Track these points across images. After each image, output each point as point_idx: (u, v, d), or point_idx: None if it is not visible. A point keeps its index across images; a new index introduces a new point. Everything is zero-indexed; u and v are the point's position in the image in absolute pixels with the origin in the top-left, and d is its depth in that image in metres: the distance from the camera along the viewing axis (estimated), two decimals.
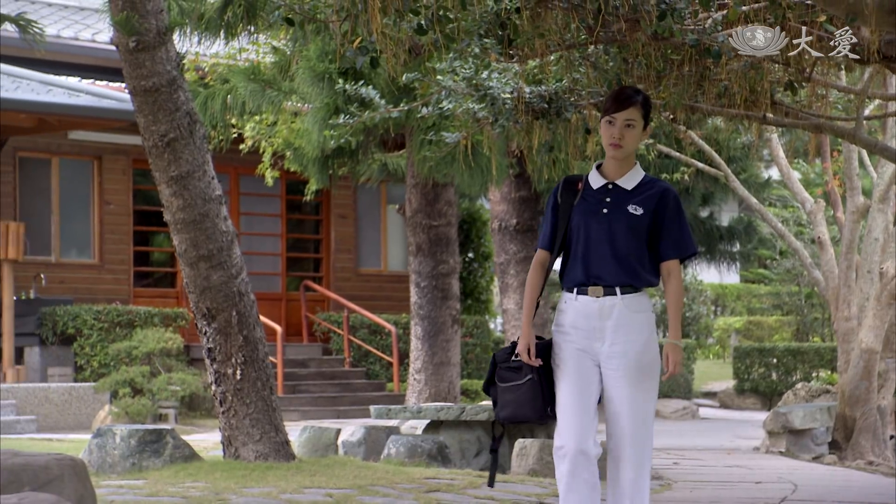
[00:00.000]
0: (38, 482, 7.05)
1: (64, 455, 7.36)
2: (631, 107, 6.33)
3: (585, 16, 8.47)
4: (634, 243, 6.33)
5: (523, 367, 6.33)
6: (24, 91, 19.06)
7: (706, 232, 25.06)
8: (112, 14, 10.15)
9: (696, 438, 18.55)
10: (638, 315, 6.32)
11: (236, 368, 10.66)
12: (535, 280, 6.47)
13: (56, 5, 24.13)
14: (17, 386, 18.77)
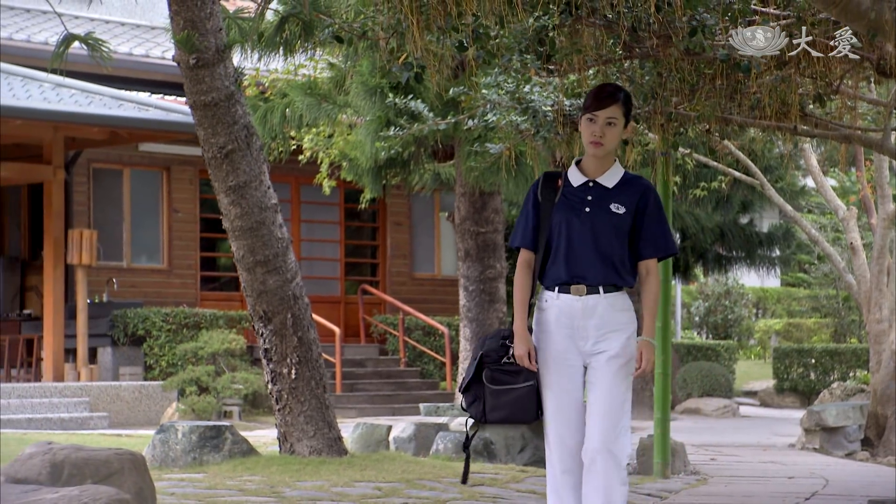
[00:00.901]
0: (100, 475, 7.10)
1: (124, 450, 7.41)
2: (613, 105, 6.04)
3: (620, 32, 8.46)
4: (617, 242, 6.05)
5: (522, 371, 6.03)
6: (97, 106, 19.20)
7: (746, 238, 24.94)
8: (174, 33, 10.22)
9: (734, 435, 18.45)
10: (621, 314, 6.05)
11: (291, 368, 10.70)
12: (523, 281, 6.10)
13: (129, 24, 24.30)
14: (90, 384, 18.91)
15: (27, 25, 22.43)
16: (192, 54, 10.11)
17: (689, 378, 24.73)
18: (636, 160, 12.32)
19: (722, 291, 33.29)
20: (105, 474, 7.09)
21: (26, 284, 21.41)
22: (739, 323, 33.49)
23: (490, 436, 12.21)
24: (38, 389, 18.49)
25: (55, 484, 7.00)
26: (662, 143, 11.41)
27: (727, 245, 25.11)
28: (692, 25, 8.21)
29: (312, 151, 16.54)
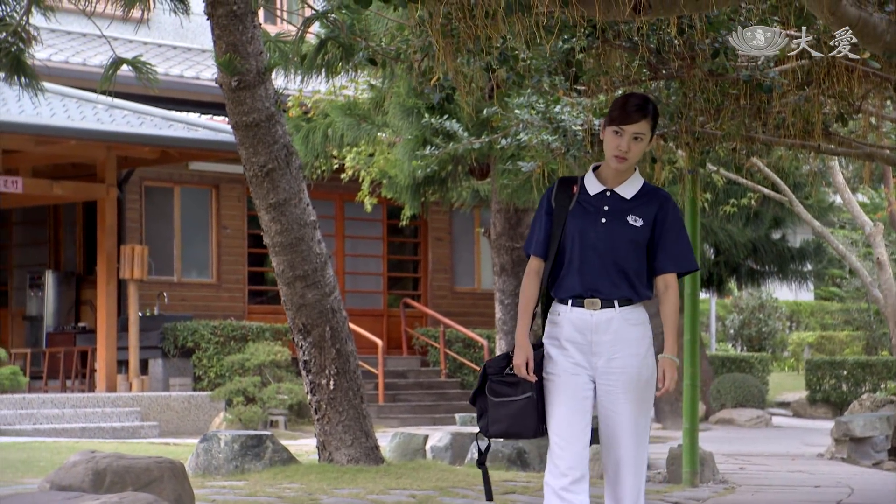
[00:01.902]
0: (140, 483, 7.16)
1: (164, 458, 7.46)
2: (641, 120, 5.56)
3: (645, 54, 8.46)
4: (634, 255, 5.60)
5: (521, 382, 5.55)
6: (149, 126, 19.33)
7: (778, 253, 24.85)
8: (217, 56, 10.29)
9: (765, 445, 18.35)
10: (636, 328, 5.59)
11: (330, 379, 10.73)
12: (530, 290, 5.65)
13: (181, 48, 24.44)
14: (141, 394, 19.01)
15: (83, 49, 22.60)
16: (233, 77, 10.17)
17: (722, 389, 24.63)
18: (667, 178, 12.30)
19: (756, 305, 33.16)
20: (145, 482, 7.14)
21: (81, 298, 21.54)
22: (773, 336, 33.33)
23: (523, 445, 12.20)
24: (92, 399, 18.61)
25: (97, 491, 7.06)
26: (690, 162, 11.40)
27: (760, 260, 25.02)
28: (714, 47, 8.20)
29: (354, 170, 16.59)
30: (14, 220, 22.54)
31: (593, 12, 5.91)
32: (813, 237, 26.91)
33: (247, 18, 10.14)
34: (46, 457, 12.31)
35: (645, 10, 6.02)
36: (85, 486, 7.13)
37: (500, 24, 6.77)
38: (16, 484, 9.49)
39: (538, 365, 5.58)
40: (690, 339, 11.76)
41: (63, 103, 19.45)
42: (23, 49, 9.96)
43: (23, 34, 9.88)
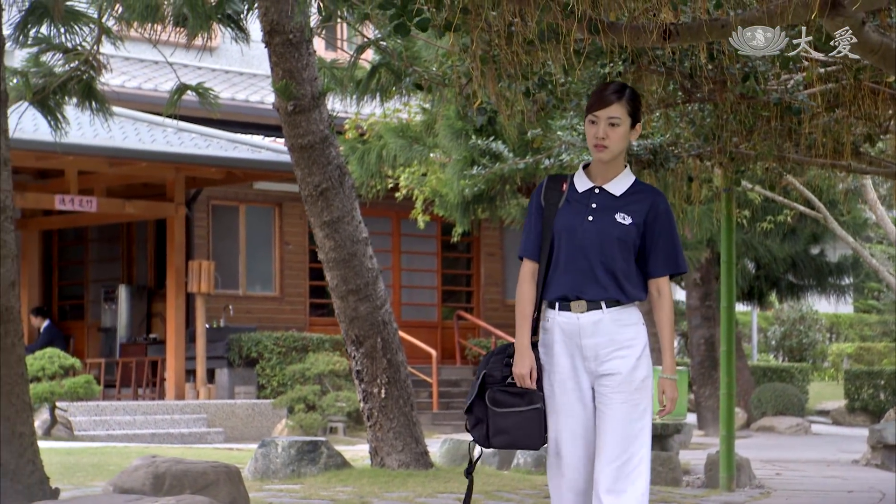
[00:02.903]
0: (197, 486, 7.21)
1: (220, 463, 7.51)
2: (615, 103, 5.10)
3: (678, 78, 8.45)
4: (621, 255, 5.09)
5: (528, 392, 5.08)
6: (215, 148, 19.48)
7: (816, 267, 24.69)
8: (274, 82, 10.37)
9: (803, 452, 18.22)
10: (627, 329, 5.09)
11: (381, 388, 10.77)
12: (527, 294, 5.18)
13: (246, 74, 24.59)
14: (208, 402, 19.12)
15: (154, 76, 22.79)
16: (289, 101, 10.24)
17: (763, 398, 24.46)
18: (706, 195, 12.26)
19: (797, 317, 32.97)
20: (202, 485, 7.19)
21: (152, 311, 21.69)
22: (813, 347, 33.10)
23: None
24: (162, 407, 18.74)
25: (157, 494, 7.12)
26: (725, 180, 11.37)
27: (799, 274, 24.87)
28: (745, 71, 8.18)
29: (408, 189, 16.65)
30: (90, 238, 22.75)
31: (622, 39, 5.91)
32: (851, 252, 26.76)
33: (302, 46, 10.21)
34: (117, 461, 12.40)
35: (673, 37, 6.01)
36: (146, 489, 7.19)
37: (538, 50, 6.78)
38: (86, 486, 9.59)
39: (540, 373, 5.14)
40: (726, 350, 11.71)
41: (135, 127, 19.63)
42: (93, 77, 10.06)
43: (93, 63, 9.98)
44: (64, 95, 9.89)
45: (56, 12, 8.17)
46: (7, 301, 6.97)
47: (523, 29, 6.44)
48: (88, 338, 22.21)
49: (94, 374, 19.67)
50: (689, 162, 10.53)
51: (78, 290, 22.87)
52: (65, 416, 17.00)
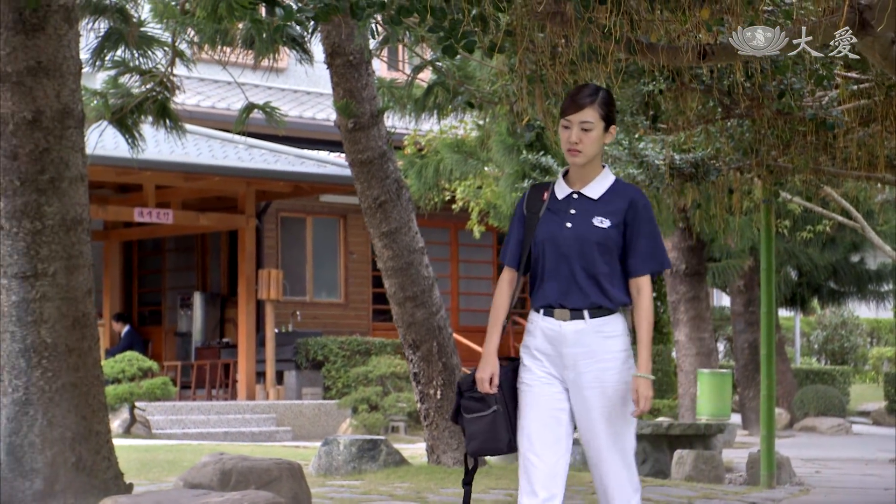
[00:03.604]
0: (261, 482, 7.25)
1: (283, 460, 7.54)
2: (587, 108, 4.80)
3: (717, 95, 8.42)
4: (602, 259, 4.78)
5: (487, 396, 4.80)
6: (283, 163, 19.59)
7: (856, 274, 24.51)
8: (335, 101, 10.42)
9: (843, 451, 18.05)
10: (610, 340, 4.79)
11: (437, 389, 10.78)
12: (500, 301, 4.94)
13: (313, 93, 24.72)
14: (277, 402, 19.22)
15: (227, 96, 22.96)
16: (350, 119, 10.29)
17: (805, 399, 24.26)
18: (747, 206, 12.20)
19: (838, 322, 32.69)
20: (266, 481, 7.23)
21: (225, 317, 21.83)
22: (854, 350, 32.81)
23: None
24: (234, 407, 18.85)
25: (224, 489, 7.16)
26: (764, 192, 11.31)
27: (840, 281, 24.68)
28: (780, 89, 8.14)
29: (464, 201, 16.68)
30: (167, 248, 22.94)
31: (660, 59, 5.90)
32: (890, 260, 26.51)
33: (361, 67, 10.26)
34: (190, 458, 12.48)
35: (709, 57, 6.00)
36: (213, 485, 7.24)
37: (582, 69, 6.79)
38: (161, 482, 9.67)
39: (510, 377, 4.87)
40: (766, 353, 11.65)
41: (208, 144, 19.79)
42: (168, 97, 10.15)
43: (167, 84, 10.06)
44: (140, 115, 9.98)
45: (130, 38, 8.27)
46: (84, 308, 7.06)
47: (567, 50, 6.46)
48: (166, 342, 22.38)
49: (170, 375, 19.82)
50: (729, 175, 10.49)
51: (156, 297, 23.06)
52: (143, 416, 17.15)
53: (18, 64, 6.91)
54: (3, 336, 6.97)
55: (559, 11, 5.76)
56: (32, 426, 6.89)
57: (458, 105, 8.69)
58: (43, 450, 6.88)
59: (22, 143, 6.94)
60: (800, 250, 22.57)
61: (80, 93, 7.19)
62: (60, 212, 6.97)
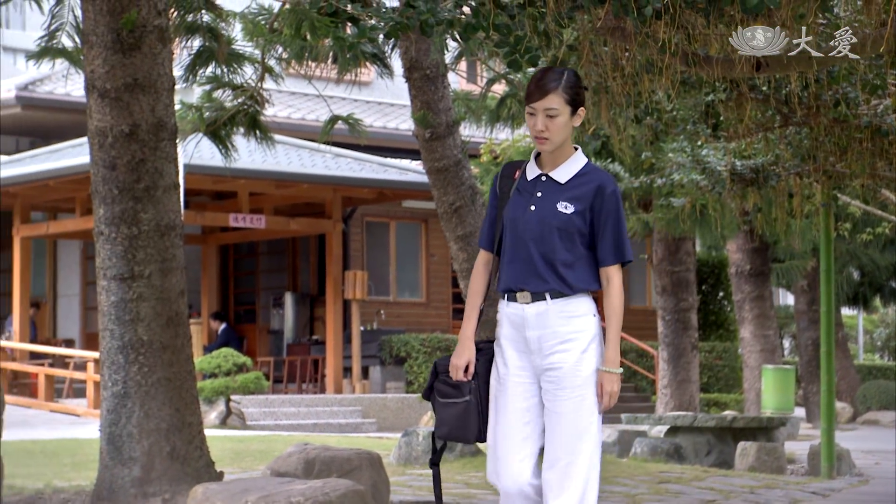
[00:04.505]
0: (343, 471, 7.28)
1: (363, 450, 7.57)
2: (550, 94, 4.36)
3: (776, 104, 8.35)
4: (563, 246, 4.38)
5: (461, 384, 4.45)
6: (368, 171, 19.70)
7: None
8: (413, 112, 10.46)
9: None
10: (575, 320, 4.39)
11: None
12: (476, 284, 4.56)
13: (396, 105, 24.81)
14: (363, 396, 19.32)
15: (317, 108, 23.12)
16: (427, 129, 10.32)
17: (868, 394, 23.94)
18: (808, 210, 12.07)
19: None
20: (347, 470, 7.26)
21: (314, 315, 21.98)
22: None
23: (680, 440, 12.07)
24: (322, 400, 18.98)
25: (307, 477, 7.20)
26: (823, 196, 11.18)
27: None
28: (836, 98, 8.06)
29: None
30: (260, 251, 23.15)
31: (716, 71, 5.87)
32: None
33: (438, 80, 10.30)
34: (281, 448, 12.54)
35: (763, 69, 5.95)
36: (298, 473, 7.29)
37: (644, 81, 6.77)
38: (251, 470, 9.76)
39: (487, 366, 4.51)
40: (826, 350, 11.52)
41: (298, 153, 19.95)
42: (258, 110, 10.24)
43: (257, 97, 10.15)
44: (233, 127, 10.06)
45: (220, 55, 8.35)
46: (177, 307, 7.15)
47: (629, 63, 6.44)
48: (259, 339, 22.58)
49: (263, 370, 20.00)
50: (789, 180, 10.39)
51: (250, 297, 23.28)
52: (238, 408, 17.31)
53: (116, 81, 7.01)
54: (103, 334, 7.09)
55: (620, 27, 5.75)
56: (130, 417, 7.00)
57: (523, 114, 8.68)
58: (140, 439, 6.98)
59: (120, 155, 7.05)
60: (861, 251, 22.29)
61: (173, 107, 7.28)
62: (155, 218, 7.07)
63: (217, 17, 8.39)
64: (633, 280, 24.43)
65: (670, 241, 15.47)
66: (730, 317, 24.72)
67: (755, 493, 9.72)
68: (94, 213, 7.18)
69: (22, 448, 11.43)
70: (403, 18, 5.06)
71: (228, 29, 8.98)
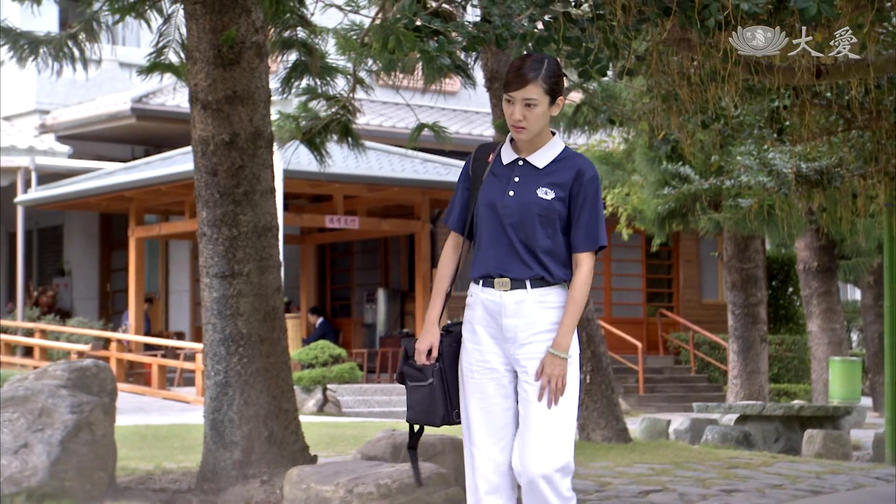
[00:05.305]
0: (427, 455, 7.30)
1: (446, 435, 7.58)
2: (530, 84, 4.05)
3: (838, 109, 8.24)
4: (544, 232, 4.09)
5: (424, 368, 4.16)
6: (453, 175, 19.72)
7: None
8: (493, 120, 10.47)
9: None
10: (551, 311, 4.07)
11: (586, 375, 10.74)
12: (444, 268, 4.26)
13: (482, 113, 24.82)
14: None
15: (406, 116, 23.22)
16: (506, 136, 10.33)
17: None
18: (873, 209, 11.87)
19: None
20: (431, 454, 7.29)
21: (404, 310, 22.06)
22: None
23: (749, 428, 11.94)
24: None
25: (395, 461, 7.25)
26: (886, 196, 10.98)
27: None
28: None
29: (613, 207, 16.59)
30: (354, 250, 23.31)
31: (777, 79, 5.80)
32: None
33: None
34: (373, 433, 12.60)
35: (823, 76, 5.88)
36: (385, 457, 7.34)
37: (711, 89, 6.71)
38: (345, 454, 9.84)
39: (453, 349, 4.21)
40: (891, 343, 11.32)
41: (389, 159, 20.05)
42: (350, 119, 10.32)
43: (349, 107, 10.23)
44: (327, 135, 10.16)
45: (313, 68, 8.43)
46: (274, 302, 7.24)
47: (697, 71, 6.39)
48: (354, 332, 22.73)
49: (358, 361, 20.12)
50: (852, 181, 10.24)
51: (345, 292, 23.44)
52: (334, 396, 17.45)
53: (217, 93, 7.12)
54: (205, 327, 7.20)
55: (685, 38, 5.71)
56: (231, 405, 7.09)
57: (601, 122, 8.64)
58: (240, 425, 7.08)
59: (220, 162, 7.15)
60: None
61: (270, 117, 7.37)
62: (253, 220, 7.16)
63: (311, 33, 8.48)
64: (706, 276, 24.21)
65: (739, 240, 15.33)
66: (799, 311, 24.37)
67: (821, 478, 9.59)
68: (197, 216, 7.30)
69: (136, 432, 11.64)
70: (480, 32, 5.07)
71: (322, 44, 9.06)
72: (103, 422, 6.79)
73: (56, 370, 6.87)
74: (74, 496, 6.55)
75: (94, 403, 6.75)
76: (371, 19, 8.54)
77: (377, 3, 8.64)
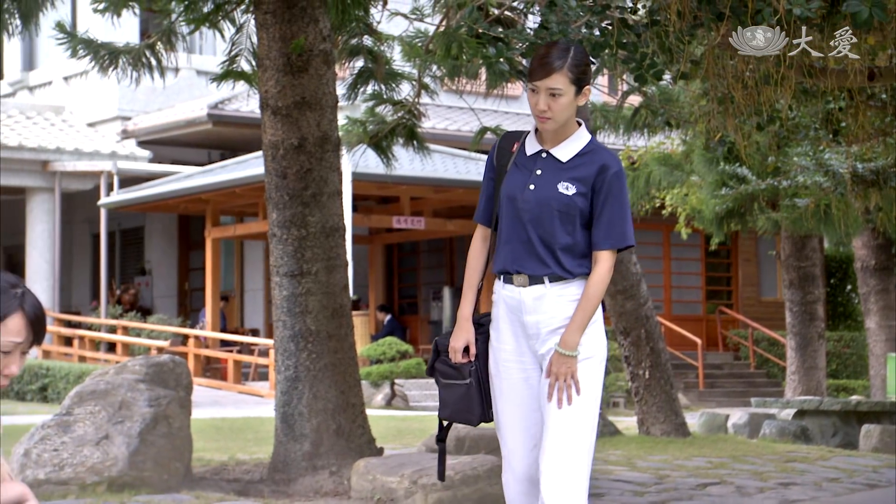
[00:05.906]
0: (490, 448, 7.34)
1: None
2: (555, 73, 3.75)
3: (892, 111, 8.12)
4: (563, 230, 3.81)
5: (461, 367, 3.89)
6: None
7: None
8: None
9: None
10: (573, 305, 3.80)
11: (645, 371, 10.69)
12: (474, 261, 3.98)
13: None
14: None
15: (471, 120, 23.23)
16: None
17: None
18: None
19: None
20: (493, 447, 7.31)
21: None
22: None
23: (806, 423, 11.80)
24: None
25: (458, 453, 7.28)
26: None
27: None
28: None
29: (672, 207, 16.48)
30: (420, 250, 23.37)
31: (829, 81, 5.74)
32: None
33: None
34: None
35: (876, 78, 5.80)
36: (450, 450, 7.37)
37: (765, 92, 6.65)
38: (411, 447, 9.87)
39: (486, 343, 3.94)
40: None
41: (454, 161, 20.07)
42: (415, 123, 10.36)
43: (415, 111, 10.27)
44: (393, 138, 10.21)
45: (378, 74, 8.47)
46: (341, 300, 7.28)
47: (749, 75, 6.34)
48: (420, 329, 22.78)
49: (424, 357, 20.15)
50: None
51: (412, 290, 23.51)
52: (401, 391, 17.52)
53: (287, 99, 7.18)
54: (276, 324, 7.26)
55: None
56: (301, 399, 7.15)
57: (659, 125, 8.59)
58: (309, 418, 7.13)
59: (290, 165, 7.21)
60: None
61: (337, 122, 7.42)
62: (321, 221, 7.21)
63: (377, 40, 8.52)
64: (764, 274, 23.95)
65: (797, 239, 15.15)
66: (857, 308, 24.04)
67: (877, 472, 9.46)
68: (268, 217, 7.37)
69: (212, 425, 11.77)
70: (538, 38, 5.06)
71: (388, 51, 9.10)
72: (179, 415, 6.88)
73: (135, 365, 6.97)
74: (152, 486, 6.65)
75: (170, 397, 6.85)
76: (435, 27, 8.56)
77: (441, 11, 8.66)
